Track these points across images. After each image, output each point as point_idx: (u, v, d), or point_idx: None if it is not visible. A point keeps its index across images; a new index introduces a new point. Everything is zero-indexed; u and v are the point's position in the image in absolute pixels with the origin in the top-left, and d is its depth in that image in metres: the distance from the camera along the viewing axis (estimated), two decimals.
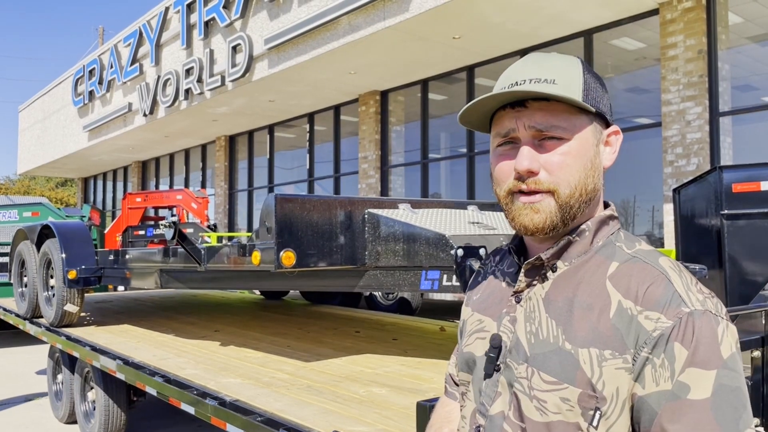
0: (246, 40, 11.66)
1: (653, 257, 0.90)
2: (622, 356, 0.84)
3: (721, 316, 0.84)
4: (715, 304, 0.86)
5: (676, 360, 0.81)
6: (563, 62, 0.96)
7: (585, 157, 0.93)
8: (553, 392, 0.88)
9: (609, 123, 0.99)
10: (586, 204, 0.94)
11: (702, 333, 0.81)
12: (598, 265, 0.92)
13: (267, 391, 2.86)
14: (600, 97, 0.96)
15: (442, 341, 4.13)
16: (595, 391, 0.85)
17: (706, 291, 0.87)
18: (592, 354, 0.86)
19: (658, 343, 0.82)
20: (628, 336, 0.84)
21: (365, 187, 12.60)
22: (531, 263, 0.97)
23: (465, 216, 3.49)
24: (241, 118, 15.03)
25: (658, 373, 0.81)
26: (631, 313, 0.85)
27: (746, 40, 8.91)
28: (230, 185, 17.12)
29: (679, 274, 0.87)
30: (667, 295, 0.84)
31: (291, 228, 3.04)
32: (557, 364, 0.88)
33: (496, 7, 8.59)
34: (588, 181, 0.93)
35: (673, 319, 0.82)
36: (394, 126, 12.63)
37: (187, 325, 4.96)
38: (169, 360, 3.63)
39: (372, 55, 10.45)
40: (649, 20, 8.90)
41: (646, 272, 0.88)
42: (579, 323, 0.88)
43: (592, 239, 0.95)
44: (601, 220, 0.96)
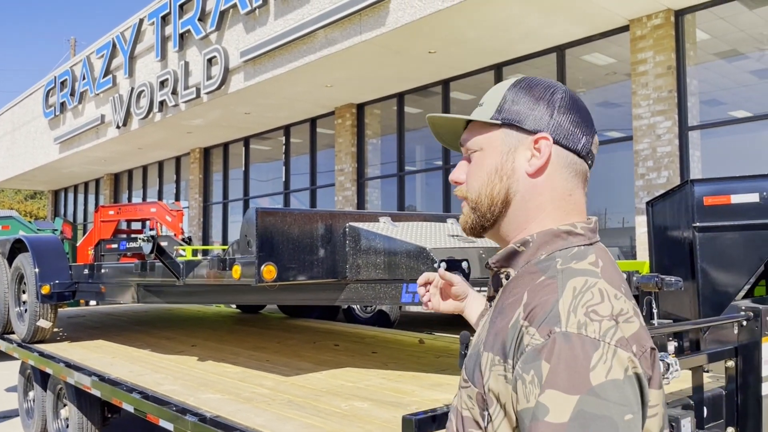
0: (222, 52, 11.63)
1: (569, 276, 0.89)
2: (503, 364, 0.87)
3: (605, 341, 0.81)
4: (605, 329, 0.82)
5: (542, 378, 0.80)
6: (500, 85, 1.05)
7: (489, 164, 1.00)
8: (464, 389, 0.96)
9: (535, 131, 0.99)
10: (496, 208, 1.00)
11: (568, 355, 0.79)
12: (531, 277, 0.93)
13: (247, 407, 2.84)
14: (525, 108, 0.99)
15: (421, 354, 4.14)
16: (485, 393, 0.90)
17: (604, 314, 0.83)
18: (488, 357, 0.91)
19: (528, 359, 0.82)
20: (511, 347, 0.86)
21: (342, 200, 12.60)
22: (488, 268, 1.04)
23: (444, 229, 3.52)
24: (216, 130, 14.95)
25: (527, 389, 0.82)
26: (519, 325, 0.87)
27: (713, 56, 9.16)
28: (205, 198, 16.97)
29: (577, 295, 0.86)
30: (548, 313, 0.84)
31: (272, 242, 3.03)
32: (471, 365, 0.96)
33: (471, 22, 8.71)
34: (493, 186, 0.99)
35: (544, 336, 0.82)
36: (370, 139, 12.67)
37: (163, 340, 4.90)
38: (146, 376, 3.59)
39: (348, 68, 10.49)
40: (619, 36, 9.09)
41: (547, 289, 0.88)
42: (493, 329, 0.94)
43: (536, 251, 0.96)
44: (553, 234, 0.96)
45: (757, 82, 9.38)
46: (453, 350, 4.27)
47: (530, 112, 0.99)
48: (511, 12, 8.38)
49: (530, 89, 1.01)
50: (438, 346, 4.40)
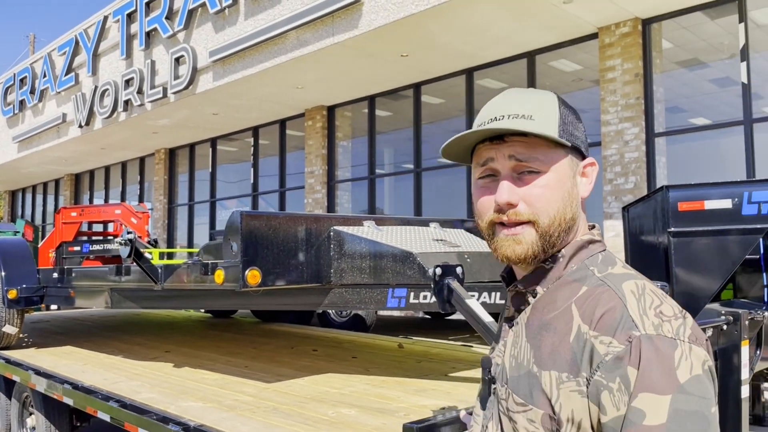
0: (190, 51, 11.45)
1: (618, 281, 0.91)
2: (575, 379, 0.86)
3: (680, 339, 0.83)
4: (676, 327, 0.84)
5: (631, 384, 0.81)
6: (540, 98, 1.00)
7: (563, 188, 0.96)
8: (522, 413, 0.92)
9: (585, 155, 1.02)
10: (565, 233, 0.98)
11: (653, 357, 0.81)
12: (569, 289, 0.94)
13: (232, 415, 2.78)
14: (575, 131, 1.00)
15: (402, 358, 4.12)
16: (554, 413, 0.88)
17: (670, 314, 0.86)
18: (552, 376, 0.89)
19: (611, 368, 0.83)
20: (582, 360, 0.86)
21: (311, 202, 12.52)
22: (513, 290, 1.02)
23: (428, 233, 3.51)
24: (182, 131, 14.70)
25: (616, 397, 0.82)
26: (586, 337, 0.86)
27: (675, 65, 9.37)
28: (170, 199, 16.67)
29: (639, 298, 0.88)
30: (620, 319, 0.85)
31: (257, 246, 2.98)
32: (526, 386, 0.92)
33: (444, 27, 8.75)
34: (566, 211, 0.97)
35: (624, 343, 0.83)
36: (340, 141, 12.62)
37: (135, 346, 4.77)
38: (122, 383, 3.48)
39: (320, 70, 10.43)
40: (587, 44, 9.24)
41: (605, 297, 0.89)
42: (545, 346, 0.92)
43: (566, 263, 0.97)
44: (578, 246, 0.98)
45: (716, 90, 9.65)
46: (432, 355, 4.26)
47: (579, 136, 1.01)
48: (483, 17, 8.44)
49: (570, 109, 1.01)
50: (417, 351, 4.38)
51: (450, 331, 5.82)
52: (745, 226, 4.01)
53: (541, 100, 0.99)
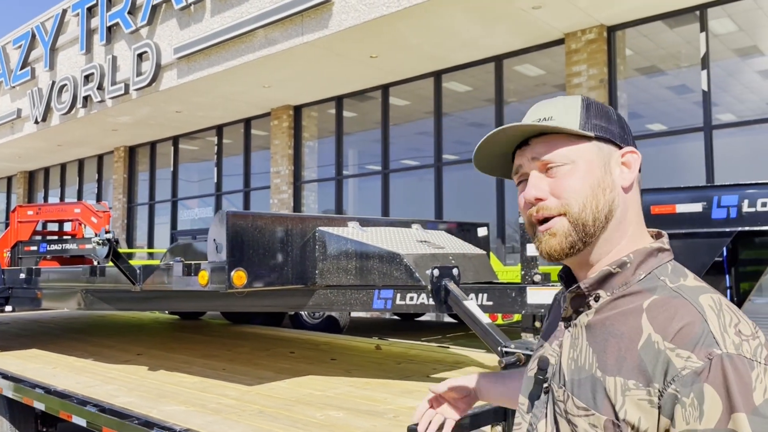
0: (153, 48, 11.22)
1: (694, 294, 0.90)
2: (645, 389, 0.85)
3: (758, 360, 0.83)
4: (755, 347, 0.84)
5: (705, 402, 0.81)
6: (563, 101, 1.01)
7: (591, 176, 0.96)
8: (583, 417, 0.91)
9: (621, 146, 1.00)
10: (601, 222, 0.96)
11: (731, 377, 0.81)
12: (638, 297, 0.93)
13: (218, 419, 2.72)
14: (602, 122, 0.99)
15: (382, 360, 4.11)
16: (618, 420, 0.87)
17: (747, 332, 0.86)
18: (617, 383, 0.88)
19: (687, 382, 0.82)
20: (655, 370, 0.85)
21: (277, 203, 12.40)
22: (573, 292, 1.00)
23: (412, 234, 3.51)
24: (143, 128, 14.39)
25: (687, 412, 0.82)
26: (658, 347, 0.86)
27: (634, 72, 9.61)
28: (129, 198, 16.30)
29: (718, 314, 0.87)
30: (700, 334, 0.84)
31: (242, 246, 2.93)
32: (588, 391, 0.91)
33: (414, 29, 8.78)
34: (598, 198, 0.95)
35: (703, 359, 0.82)
36: (307, 141, 12.54)
37: (105, 349, 4.64)
38: (97, 387, 3.38)
39: (288, 69, 10.35)
40: (554, 49, 9.40)
41: (683, 309, 0.88)
42: (610, 351, 0.91)
43: (634, 270, 0.95)
44: (647, 252, 0.96)
45: (674, 97, 9.93)
46: (411, 356, 4.26)
47: (609, 127, 0.99)
48: (453, 21, 8.51)
49: (600, 107, 1.01)
50: (395, 352, 4.38)
51: (423, 332, 5.85)
52: (715, 229, 4.14)
53: (564, 102, 1.01)
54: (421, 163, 11.08)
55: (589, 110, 0.99)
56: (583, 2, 7.99)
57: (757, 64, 8.96)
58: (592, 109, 1.00)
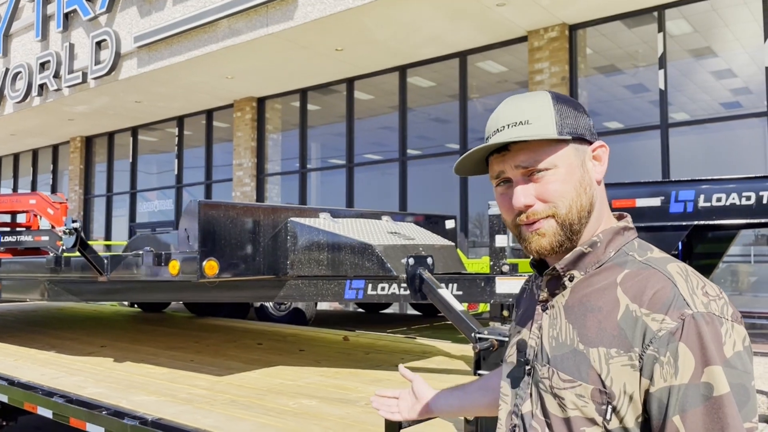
0: (113, 36, 10.97)
1: (662, 263, 0.96)
2: (627, 354, 0.91)
3: (725, 317, 0.89)
4: (721, 306, 0.91)
5: (680, 358, 0.87)
6: (534, 101, 1.06)
7: (573, 178, 1.02)
8: (569, 390, 0.96)
9: (591, 141, 1.06)
10: (585, 218, 1.02)
11: (703, 332, 0.87)
12: (611, 273, 0.99)
13: (190, 408, 2.72)
14: (574, 121, 1.05)
15: (350, 350, 4.14)
16: (605, 387, 0.92)
17: (713, 293, 0.92)
18: (601, 353, 0.93)
19: (663, 342, 0.88)
20: (634, 336, 0.91)
21: (240, 195, 12.29)
22: (549, 274, 1.05)
23: (382, 226, 3.55)
24: (101, 118, 14.06)
25: (665, 370, 0.88)
26: (636, 315, 0.92)
27: (593, 70, 9.83)
28: (86, 190, 15.92)
29: (686, 278, 0.93)
30: (672, 298, 0.90)
31: (214, 236, 2.93)
32: (572, 364, 0.97)
33: (380, 23, 8.80)
34: (582, 198, 1.02)
35: (677, 320, 0.88)
36: (270, 134, 12.45)
37: (68, 341, 4.56)
38: (63, 379, 3.33)
39: (252, 60, 10.25)
40: (517, 46, 9.54)
41: (654, 278, 0.94)
42: (590, 325, 0.97)
43: (604, 249, 1.01)
44: (614, 231, 1.03)
45: (630, 96, 10.20)
46: (379, 347, 4.31)
47: (581, 124, 1.05)
48: (418, 15, 8.55)
49: (567, 101, 1.06)
50: (363, 343, 4.42)
51: (388, 324, 5.91)
52: (673, 223, 4.29)
53: (535, 102, 1.05)
54: (385, 157, 11.13)
55: (561, 111, 1.04)
56: (546, 0, 8.13)
57: (710, 65, 9.27)
58: (563, 109, 1.05)
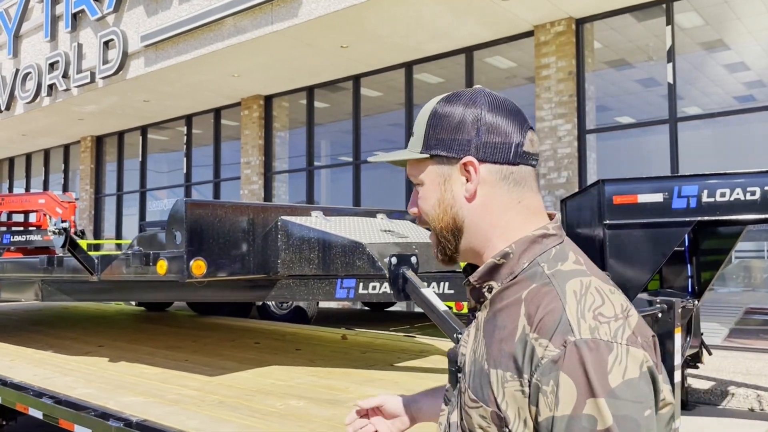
0: (120, 35, 11.02)
1: (564, 280, 0.90)
2: (518, 380, 0.87)
3: (618, 342, 0.83)
4: (615, 329, 0.84)
5: (561, 389, 0.82)
6: (423, 110, 1.04)
7: (434, 196, 1.02)
8: (475, 410, 0.93)
9: (459, 157, 0.99)
10: (453, 235, 1.01)
11: (585, 362, 0.81)
12: (520, 287, 0.93)
13: (176, 409, 2.69)
14: (448, 135, 1.00)
15: (347, 349, 4.11)
16: (500, 411, 0.88)
17: (609, 314, 0.86)
18: (498, 375, 0.89)
19: (546, 371, 0.83)
20: (524, 361, 0.86)
21: (247, 193, 12.30)
22: (468, 285, 1.01)
23: (376, 224, 3.51)
24: (110, 118, 14.14)
25: (549, 399, 0.83)
26: (527, 338, 0.87)
27: (604, 65, 9.71)
28: (97, 189, 16.02)
29: (580, 299, 0.87)
30: (557, 322, 0.85)
31: (202, 235, 2.90)
32: (478, 384, 0.93)
33: (384, 19, 8.75)
34: (442, 217, 1.01)
35: (559, 347, 0.83)
36: (278, 132, 12.44)
37: (66, 341, 4.56)
38: (55, 379, 3.32)
39: (257, 58, 10.25)
40: (524, 41, 9.44)
41: (547, 297, 0.89)
42: (495, 344, 0.92)
43: (518, 260, 0.96)
44: (530, 240, 0.96)
45: (641, 90, 10.07)
46: (377, 346, 4.27)
47: (454, 138, 0.99)
48: (423, 11, 8.49)
49: (449, 115, 1.00)
50: (361, 342, 4.38)
51: (391, 322, 5.86)
52: (675, 219, 4.20)
53: (424, 111, 1.04)
54: None
55: (435, 125, 1.01)
56: None
57: (722, 58, 9.13)
58: (438, 120, 1.01)
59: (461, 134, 0.98)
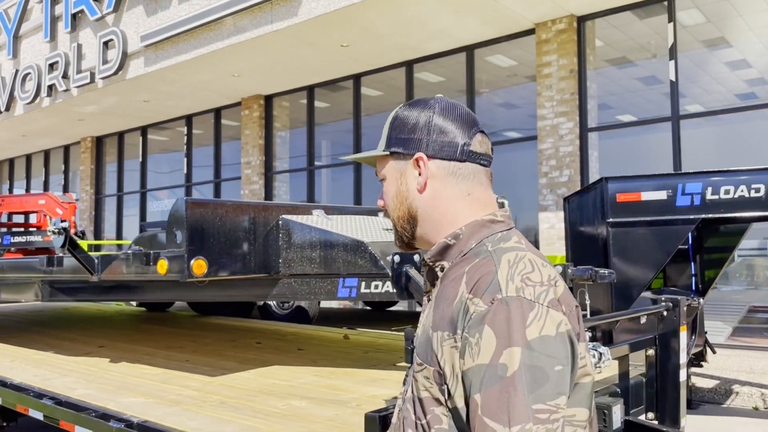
0: (119, 35, 11.00)
1: (502, 253, 1.01)
2: (452, 337, 0.96)
3: (539, 302, 0.93)
4: (538, 292, 0.94)
5: (483, 340, 0.91)
6: (390, 115, 1.17)
7: (393, 189, 1.14)
8: (420, 372, 1.03)
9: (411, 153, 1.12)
10: (409, 224, 1.13)
11: (507, 316, 0.91)
12: (465, 263, 1.03)
13: (177, 410, 2.66)
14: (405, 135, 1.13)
15: (349, 349, 4.08)
16: (441, 369, 0.98)
17: (537, 280, 0.96)
18: (438, 336, 0.99)
19: (474, 325, 0.93)
20: (458, 319, 0.96)
21: (248, 193, 12.28)
22: (426, 265, 1.13)
23: (377, 223, 3.48)
24: (110, 118, 14.12)
25: (473, 350, 0.92)
26: (463, 299, 0.97)
27: (605, 63, 9.68)
28: (97, 190, 16.00)
29: (512, 265, 0.97)
30: (489, 283, 0.95)
31: (203, 234, 2.87)
32: (423, 348, 1.03)
33: (384, 18, 8.72)
34: (398, 208, 1.13)
35: (487, 304, 0.93)
36: (278, 131, 12.42)
37: (66, 341, 4.53)
38: (55, 380, 3.29)
39: (257, 58, 10.22)
40: (525, 39, 9.41)
41: (485, 265, 0.99)
42: (438, 312, 1.03)
43: (467, 240, 1.06)
44: (479, 224, 1.08)
45: (642, 88, 10.04)
46: (379, 345, 4.24)
47: (409, 137, 1.12)
48: (424, 9, 8.46)
49: (406, 118, 1.13)
50: (363, 342, 4.35)
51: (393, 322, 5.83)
52: (679, 216, 4.17)
53: (390, 116, 1.17)
54: None
55: (394, 125, 1.14)
56: None
57: (724, 56, 9.10)
58: (398, 122, 1.14)
59: (415, 134, 1.11)
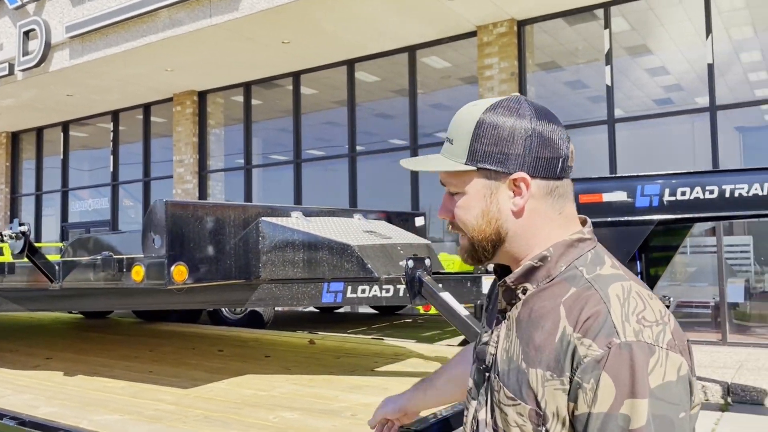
0: (42, 25, 10.36)
1: (606, 284, 0.94)
2: (559, 378, 0.91)
3: (659, 345, 0.88)
4: (656, 333, 0.89)
5: (600, 387, 0.86)
6: (467, 117, 1.03)
7: (477, 207, 1.02)
8: (512, 407, 0.97)
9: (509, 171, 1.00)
10: (492, 245, 1.03)
11: (628, 363, 0.86)
12: (559, 289, 0.97)
13: (160, 426, 2.49)
14: (495, 148, 0.99)
15: (319, 355, 3.97)
16: (540, 409, 0.93)
17: (651, 319, 0.90)
18: (539, 374, 0.93)
19: (588, 370, 0.87)
20: (566, 360, 0.90)
21: (181, 193, 11.84)
22: (503, 285, 1.04)
23: (357, 225, 3.40)
24: (29, 113, 13.28)
25: (587, 396, 0.87)
26: (570, 338, 0.91)
27: (543, 66, 9.94)
28: (13, 188, 15.02)
29: (623, 303, 0.91)
30: (603, 324, 0.89)
31: (183, 239, 2.70)
32: (515, 382, 0.97)
33: (330, 15, 8.60)
34: (484, 227, 1.02)
35: (603, 348, 0.87)
36: (213, 129, 12.05)
37: (7, 353, 4.18)
38: (10, 398, 3.01)
39: (193, 52, 9.87)
40: (465, 41, 9.52)
41: (591, 300, 0.92)
42: (533, 344, 0.96)
43: (555, 263, 0.99)
44: (567, 245, 1.00)
45: (576, 92, 10.38)
46: (348, 350, 4.15)
47: (503, 151, 0.99)
48: (369, 8, 8.41)
49: (497, 126, 0.99)
50: (331, 346, 4.25)
51: (346, 324, 5.75)
52: (639, 217, 4.31)
53: (466, 119, 1.02)
54: (331, 153, 10.93)
55: (482, 135, 1.00)
56: None
57: (645, 62, 9.52)
58: (487, 133, 1.00)
59: (512, 148, 0.99)
